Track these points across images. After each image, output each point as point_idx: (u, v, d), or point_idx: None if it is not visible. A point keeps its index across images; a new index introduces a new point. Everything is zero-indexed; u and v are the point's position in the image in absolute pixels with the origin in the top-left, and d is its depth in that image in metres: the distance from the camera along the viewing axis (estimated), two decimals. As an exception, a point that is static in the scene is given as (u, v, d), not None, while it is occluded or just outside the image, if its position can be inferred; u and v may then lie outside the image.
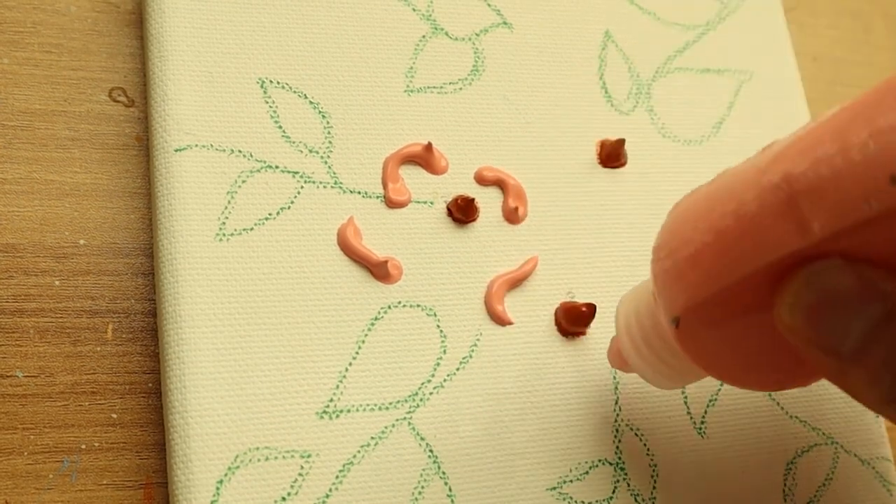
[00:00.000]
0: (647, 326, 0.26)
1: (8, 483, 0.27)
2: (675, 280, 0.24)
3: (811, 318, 0.21)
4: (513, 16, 0.34)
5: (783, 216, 0.21)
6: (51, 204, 0.29)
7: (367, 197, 0.30)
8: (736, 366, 0.24)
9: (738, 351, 0.24)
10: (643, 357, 0.26)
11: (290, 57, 0.31)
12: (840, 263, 0.20)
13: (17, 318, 0.28)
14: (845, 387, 0.21)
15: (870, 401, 0.21)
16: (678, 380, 0.26)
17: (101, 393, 0.28)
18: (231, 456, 0.26)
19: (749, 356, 0.24)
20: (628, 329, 0.26)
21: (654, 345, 0.26)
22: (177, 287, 0.28)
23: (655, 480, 0.30)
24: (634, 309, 0.26)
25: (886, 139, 0.19)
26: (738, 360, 0.24)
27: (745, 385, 0.25)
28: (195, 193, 0.28)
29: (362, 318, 0.29)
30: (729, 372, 0.25)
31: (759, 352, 0.23)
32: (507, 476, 0.28)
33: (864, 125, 0.19)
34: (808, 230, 0.20)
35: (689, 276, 0.23)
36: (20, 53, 0.31)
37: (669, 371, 0.26)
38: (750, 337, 0.23)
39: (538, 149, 0.33)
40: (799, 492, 0.31)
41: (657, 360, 0.26)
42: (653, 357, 0.26)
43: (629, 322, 0.26)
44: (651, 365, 0.26)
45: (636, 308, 0.26)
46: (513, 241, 0.31)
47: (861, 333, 0.20)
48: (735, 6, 0.37)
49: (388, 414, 0.28)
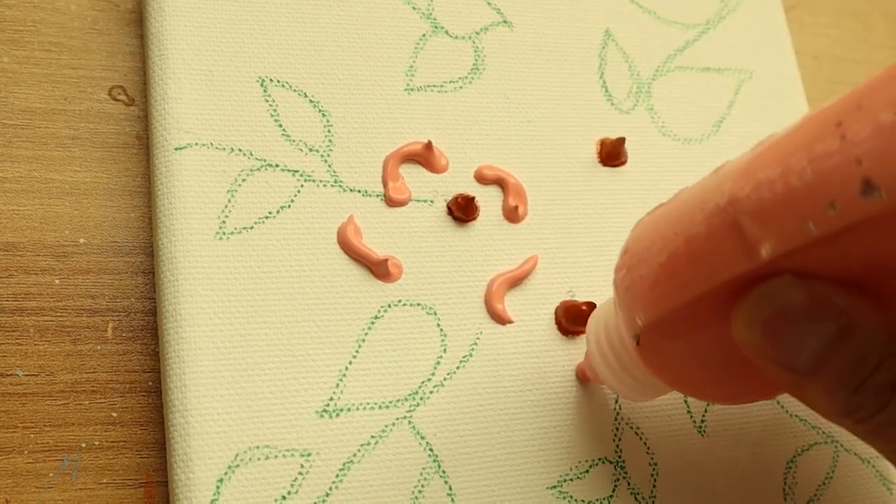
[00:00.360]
0: (614, 341, 0.26)
1: (8, 482, 0.27)
2: (633, 298, 0.24)
3: (766, 335, 0.21)
4: (513, 14, 0.34)
5: (730, 238, 0.21)
6: (51, 202, 0.29)
7: (367, 195, 0.30)
8: (699, 380, 0.25)
9: (700, 366, 0.24)
10: (613, 371, 0.26)
11: (291, 56, 0.31)
12: (792, 280, 0.20)
13: (18, 317, 0.28)
14: (804, 399, 0.22)
15: (827, 413, 0.21)
16: (647, 393, 0.27)
17: (102, 391, 0.28)
18: (231, 455, 0.26)
19: (711, 371, 0.24)
20: (598, 344, 0.27)
21: (623, 359, 0.26)
22: (177, 286, 0.28)
23: (655, 479, 0.30)
24: (604, 324, 0.27)
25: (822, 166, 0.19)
26: (701, 374, 0.24)
27: (711, 399, 0.25)
28: (195, 192, 0.28)
29: (362, 316, 0.29)
30: (693, 386, 0.25)
31: (721, 366, 0.24)
32: (507, 475, 0.28)
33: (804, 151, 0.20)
34: (755, 252, 0.20)
35: (645, 295, 0.23)
36: (20, 52, 0.31)
37: (637, 385, 0.26)
38: (710, 352, 0.23)
39: (538, 147, 0.33)
40: (799, 490, 0.31)
41: (626, 374, 0.26)
42: (622, 371, 0.26)
43: (599, 337, 0.27)
44: (620, 379, 0.26)
45: (605, 323, 0.27)
46: (513, 240, 0.31)
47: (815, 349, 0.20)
48: (735, 5, 0.37)
49: (388, 413, 0.28)
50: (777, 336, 0.21)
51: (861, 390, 0.20)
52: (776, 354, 0.21)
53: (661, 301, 0.23)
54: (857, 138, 0.19)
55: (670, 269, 0.23)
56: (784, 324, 0.20)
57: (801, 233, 0.19)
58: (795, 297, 0.20)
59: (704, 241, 0.22)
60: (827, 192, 0.19)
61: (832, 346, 0.20)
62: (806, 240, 0.19)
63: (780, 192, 0.20)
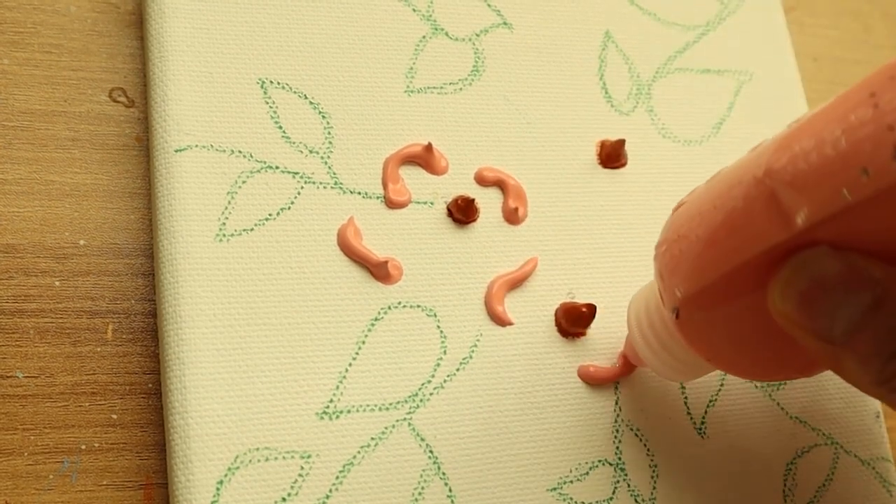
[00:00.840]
0: (655, 321, 0.27)
1: (8, 483, 0.27)
2: (672, 272, 0.25)
3: (802, 305, 0.21)
4: (513, 16, 0.34)
5: (767, 209, 0.22)
6: (51, 204, 0.29)
7: (367, 197, 0.30)
8: (736, 355, 0.25)
9: (738, 340, 0.24)
10: (654, 351, 0.27)
11: (291, 57, 0.31)
12: (828, 251, 0.21)
13: (18, 319, 0.28)
14: (838, 371, 0.22)
15: (862, 384, 0.22)
16: (687, 373, 0.27)
17: (102, 393, 0.28)
18: (231, 456, 0.26)
19: (748, 345, 0.24)
20: (639, 325, 0.28)
21: (663, 339, 0.27)
22: (177, 288, 0.28)
23: (655, 481, 0.30)
24: (644, 305, 0.27)
25: (857, 135, 0.20)
26: (739, 349, 0.25)
27: (749, 375, 0.26)
28: (195, 194, 0.28)
29: (362, 318, 0.29)
30: (730, 362, 0.25)
31: (758, 340, 0.24)
32: (507, 476, 0.28)
33: (837, 122, 0.20)
34: (791, 222, 0.21)
35: (685, 269, 0.24)
36: (20, 54, 0.31)
37: (678, 364, 0.27)
38: (748, 326, 0.24)
39: (538, 149, 0.33)
40: (799, 492, 0.31)
41: (667, 354, 0.27)
42: (662, 351, 0.27)
43: (640, 318, 0.28)
44: (661, 359, 0.27)
45: (646, 304, 0.27)
46: (513, 242, 0.31)
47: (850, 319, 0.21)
48: (735, 6, 0.37)
49: (388, 414, 0.28)
50: (812, 306, 0.21)
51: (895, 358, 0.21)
52: (811, 325, 0.21)
53: (700, 274, 0.24)
54: (888, 107, 0.19)
55: (709, 242, 0.23)
56: (820, 294, 0.21)
57: (836, 200, 0.20)
58: (831, 267, 0.21)
59: (742, 213, 0.22)
60: (860, 159, 0.19)
61: (867, 315, 0.21)
62: (840, 207, 0.20)
63: (815, 162, 0.20)
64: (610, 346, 0.31)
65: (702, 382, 0.31)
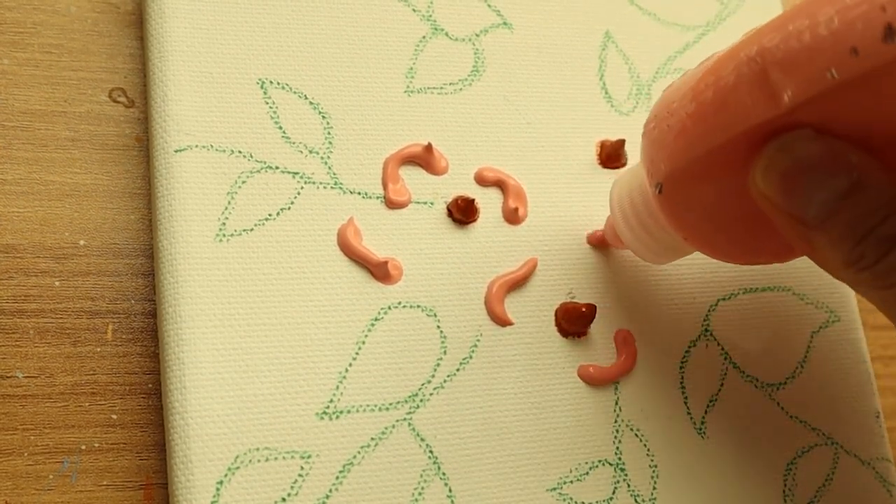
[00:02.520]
0: (637, 201, 0.27)
1: (8, 484, 0.27)
2: (659, 148, 0.25)
3: (781, 185, 0.22)
4: (513, 16, 0.34)
5: (756, 87, 0.22)
6: (51, 204, 0.29)
7: (367, 197, 0.30)
8: (714, 234, 0.26)
9: (717, 220, 0.25)
10: (633, 231, 0.28)
11: (290, 57, 0.31)
12: (811, 134, 0.21)
13: (17, 319, 0.28)
14: (811, 254, 0.23)
15: (833, 266, 0.23)
16: (662, 254, 0.28)
17: (101, 394, 0.28)
18: (231, 457, 0.26)
19: (726, 225, 0.25)
20: (621, 205, 0.28)
21: (643, 218, 0.27)
22: (177, 288, 0.28)
23: (655, 481, 0.30)
24: (627, 186, 0.28)
25: (849, 14, 0.20)
26: (716, 228, 0.25)
27: (724, 256, 0.26)
28: (195, 194, 0.28)
29: (362, 318, 0.29)
30: (707, 241, 0.26)
31: (737, 221, 0.25)
32: (506, 476, 0.28)
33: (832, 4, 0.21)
34: (778, 99, 0.21)
35: (671, 144, 0.25)
36: (20, 54, 0.31)
37: (657, 245, 0.28)
38: (728, 206, 0.24)
39: (538, 149, 0.33)
40: (799, 492, 0.31)
41: (646, 234, 0.28)
42: (642, 232, 0.28)
43: (622, 198, 0.28)
44: (640, 240, 0.28)
45: (629, 185, 0.28)
46: (513, 242, 0.31)
47: (825, 202, 0.21)
48: (735, 6, 0.37)
49: (388, 415, 0.28)
50: (791, 187, 0.22)
51: (865, 241, 0.21)
52: (789, 205, 0.22)
53: (686, 149, 0.24)
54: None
55: (697, 117, 0.24)
56: (799, 175, 0.22)
57: (823, 79, 0.20)
58: (813, 150, 0.21)
59: (732, 90, 0.23)
60: (850, 39, 0.20)
61: (842, 199, 0.21)
62: (827, 86, 0.20)
63: (806, 42, 0.21)
64: (610, 346, 0.31)
65: (702, 382, 0.31)
